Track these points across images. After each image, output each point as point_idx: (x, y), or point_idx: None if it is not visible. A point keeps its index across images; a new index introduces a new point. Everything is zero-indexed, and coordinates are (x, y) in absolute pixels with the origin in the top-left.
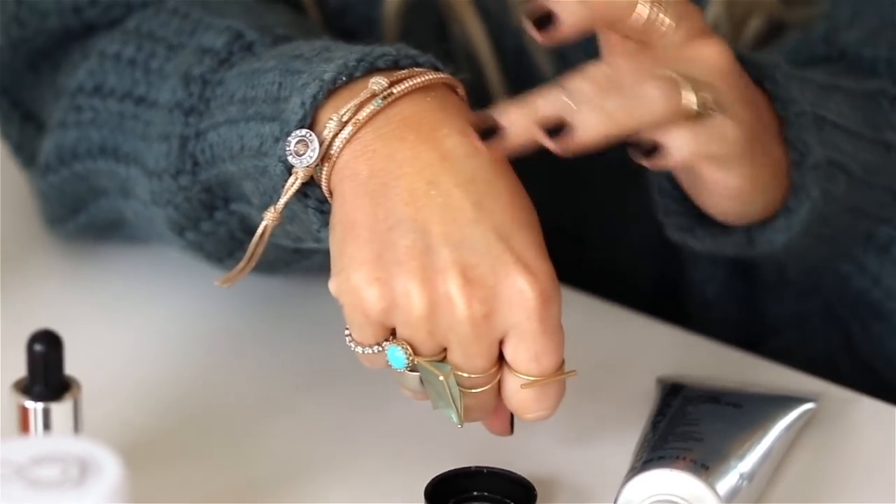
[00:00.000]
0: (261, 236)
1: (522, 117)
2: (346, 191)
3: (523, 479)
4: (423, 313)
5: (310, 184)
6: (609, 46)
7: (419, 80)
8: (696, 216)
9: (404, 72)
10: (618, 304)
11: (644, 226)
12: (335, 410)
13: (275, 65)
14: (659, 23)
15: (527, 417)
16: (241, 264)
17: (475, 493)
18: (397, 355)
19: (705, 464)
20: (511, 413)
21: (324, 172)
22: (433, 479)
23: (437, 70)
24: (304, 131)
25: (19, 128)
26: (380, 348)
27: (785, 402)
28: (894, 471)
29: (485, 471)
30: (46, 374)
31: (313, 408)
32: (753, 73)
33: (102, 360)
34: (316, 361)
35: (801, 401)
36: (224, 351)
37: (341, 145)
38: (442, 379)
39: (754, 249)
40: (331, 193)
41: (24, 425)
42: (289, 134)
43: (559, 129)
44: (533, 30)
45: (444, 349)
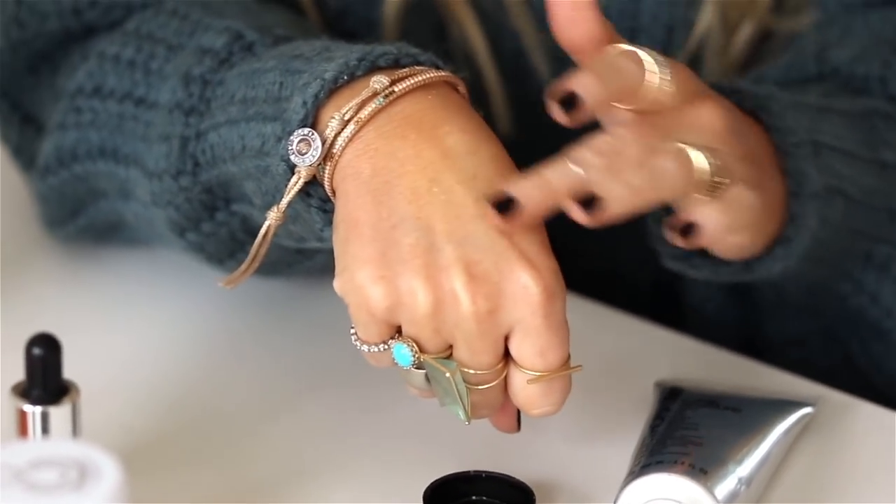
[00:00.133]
0: (264, 236)
1: (536, 190)
2: (349, 189)
3: (522, 483)
4: (429, 310)
5: (312, 183)
6: (605, 116)
7: (420, 79)
8: None
9: (405, 70)
10: (617, 309)
11: (643, 229)
12: (334, 414)
13: (275, 65)
14: (662, 91)
15: (533, 413)
16: (245, 265)
17: (474, 498)
18: (403, 353)
19: (704, 468)
20: (518, 409)
21: (326, 171)
22: (432, 482)
23: (438, 68)
24: (306, 130)
25: (19, 130)
26: (385, 346)
27: (783, 406)
28: (893, 475)
29: (483, 475)
30: (45, 377)
31: (313, 411)
32: (749, 103)
33: (101, 363)
34: (315, 364)
35: (800, 405)
36: (224, 353)
37: (343, 144)
38: (448, 376)
39: (752, 276)
40: (333, 192)
41: (22, 429)
42: (291, 133)
43: (591, 202)
44: (559, 112)
45: (450, 346)
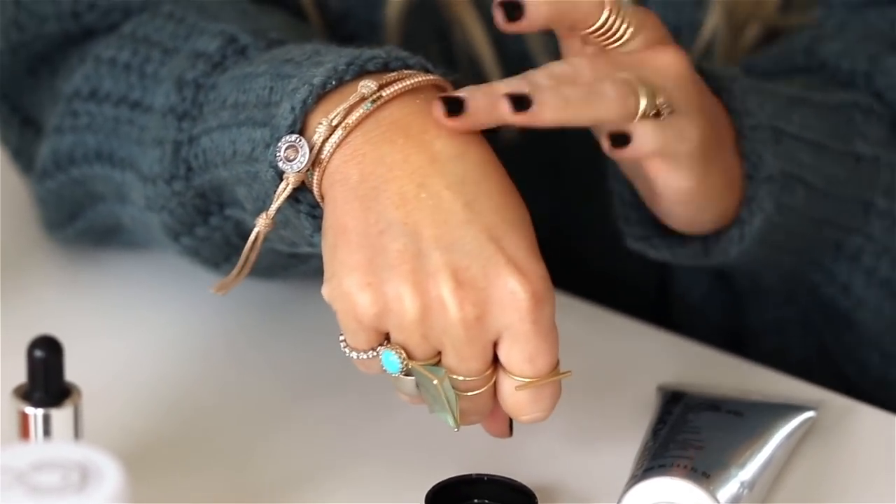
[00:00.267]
0: (253, 243)
1: (486, 95)
2: (337, 195)
3: (524, 486)
4: (416, 317)
5: (301, 189)
6: (569, 51)
7: (408, 83)
8: (653, 226)
9: (393, 74)
10: (618, 312)
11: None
12: (336, 417)
13: (266, 69)
14: (617, 28)
15: (523, 419)
16: (235, 271)
17: (476, 501)
18: (391, 360)
19: (706, 472)
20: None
21: (315, 177)
22: (434, 486)
23: (427, 71)
24: (293, 137)
25: (19, 133)
26: (374, 353)
27: (786, 410)
28: (894, 479)
29: (485, 478)
30: (47, 380)
31: (314, 414)
32: (712, 84)
33: (102, 365)
34: (316, 368)
35: (802, 409)
36: (224, 357)
37: (331, 150)
38: (436, 383)
39: (709, 259)
40: (322, 198)
41: (24, 431)
42: (279, 139)
43: (523, 103)
44: (501, 16)
45: (439, 352)
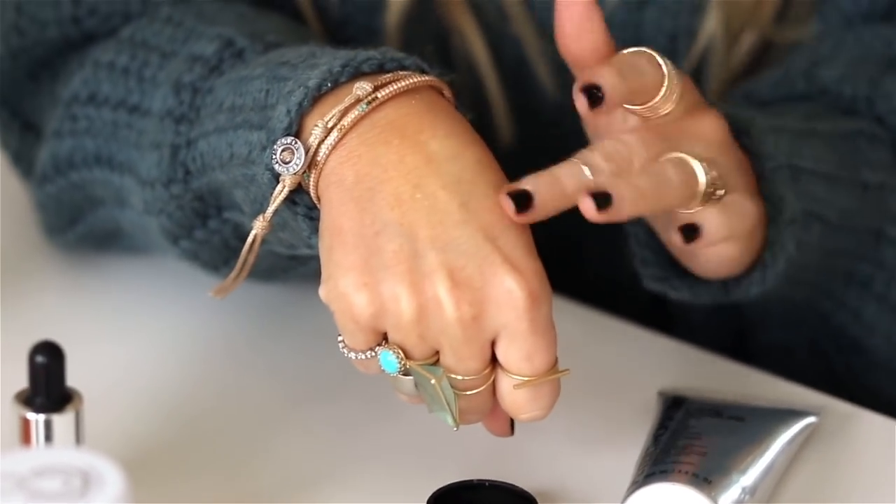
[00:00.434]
0: (251, 245)
1: (549, 187)
2: (333, 197)
3: (525, 492)
4: (413, 317)
5: (298, 191)
6: (595, 127)
7: (403, 84)
8: (671, 266)
9: (389, 75)
10: (619, 318)
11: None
12: (337, 422)
13: (262, 72)
14: (669, 97)
15: (522, 418)
16: (233, 274)
17: None
18: (389, 360)
19: (707, 477)
20: None
21: (311, 179)
22: (435, 491)
23: (422, 72)
24: (289, 139)
25: (19, 138)
26: (372, 353)
27: (787, 415)
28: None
29: (486, 484)
30: (48, 385)
31: (315, 418)
32: (733, 127)
33: (103, 371)
34: (318, 372)
35: (804, 414)
36: (226, 361)
37: (327, 152)
38: (434, 382)
39: (730, 299)
40: (319, 200)
41: (25, 437)
42: (275, 142)
43: (606, 201)
44: (584, 103)
45: (437, 352)
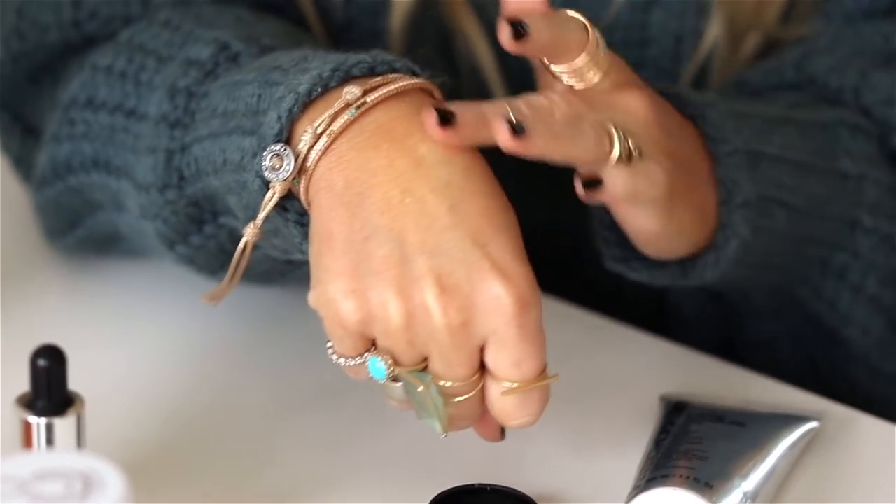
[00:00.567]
0: (242, 252)
1: (472, 110)
2: (323, 202)
3: (526, 496)
4: (401, 324)
5: (289, 197)
6: (541, 85)
7: (393, 87)
8: (632, 248)
9: (378, 79)
10: (621, 322)
11: None
12: (338, 426)
13: (255, 77)
14: (593, 66)
15: (511, 424)
16: (226, 280)
17: None
18: (378, 366)
19: (709, 482)
20: None
21: (301, 185)
22: (437, 495)
23: (413, 75)
24: (278, 146)
25: (20, 141)
26: (361, 359)
27: (788, 420)
28: None
29: (488, 488)
30: (50, 389)
31: (316, 422)
32: (688, 111)
33: (103, 374)
34: (317, 377)
35: (805, 419)
36: (227, 365)
37: (317, 157)
38: (422, 389)
39: (687, 281)
40: (309, 205)
41: (27, 440)
42: (265, 148)
43: (518, 128)
44: (507, 33)
45: (426, 358)
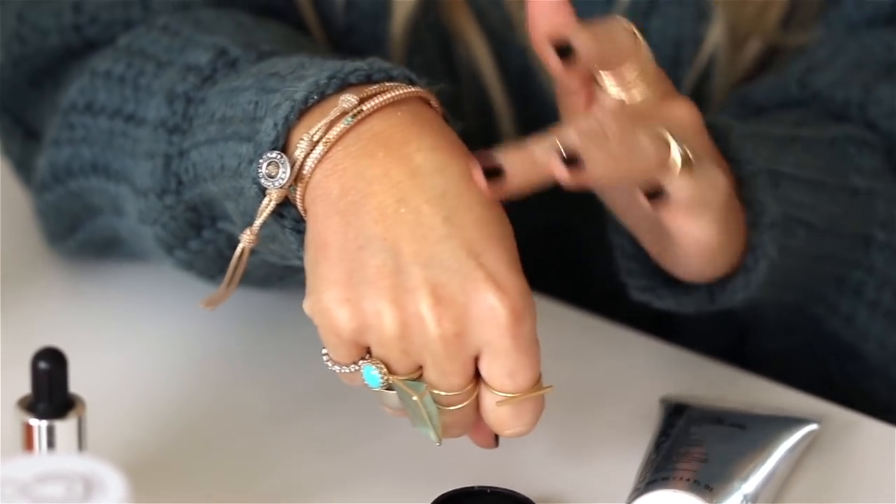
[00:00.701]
0: (239, 258)
1: (522, 162)
2: (318, 210)
3: (527, 499)
4: (395, 333)
5: (286, 204)
6: (570, 110)
7: (389, 96)
8: (657, 276)
9: (375, 87)
10: (622, 325)
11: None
12: (338, 430)
13: (252, 83)
14: (647, 69)
15: (505, 434)
16: (223, 286)
17: None
18: (372, 374)
19: (709, 485)
20: None
21: (297, 192)
22: (437, 498)
23: (410, 83)
24: (274, 153)
25: (21, 145)
26: (356, 367)
27: (789, 423)
28: None
29: (488, 490)
30: (51, 391)
31: (317, 425)
32: (709, 135)
33: (104, 377)
34: (318, 380)
35: (805, 422)
36: (228, 367)
37: (313, 165)
38: (416, 399)
39: (714, 306)
40: (305, 213)
41: (28, 443)
42: (261, 156)
43: (573, 160)
44: (555, 58)
45: (420, 367)
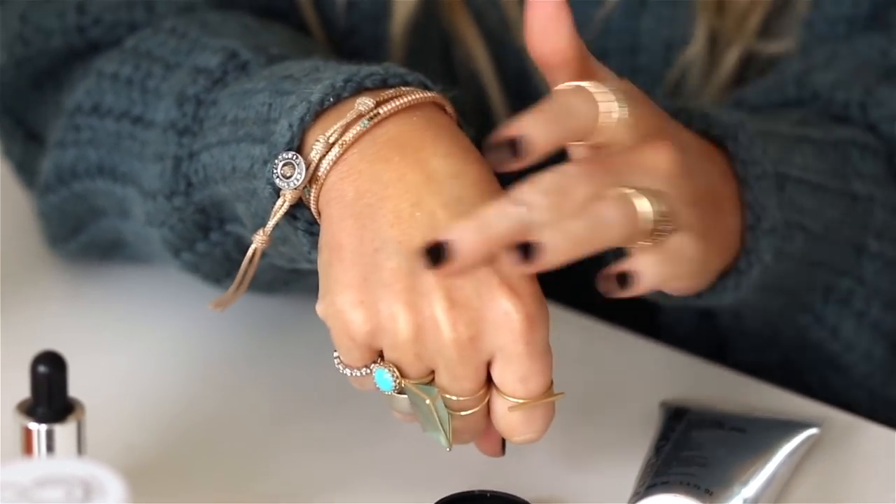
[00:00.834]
0: (250, 260)
1: (474, 234)
2: (333, 213)
3: (527, 502)
4: (409, 336)
5: (299, 206)
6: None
7: (405, 100)
8: None
9: (391, 91)
10: (621, 328)
11: None
12: (339, 431)
13: (265, 86)
14: (619, 128)
15: (515, 440)
16: (233, 288)
17: None
18: (385, 378)
19: (709, 489)
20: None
21: (312, 194)
22: (437, 501)
23: (425, 88)
24: (290, 154)
25: (23, 147)
26: (368, 371)
27: (789, 427)
28: None
29: (488, 494)
30: (50, 395)
31: (318, 429)
32: (716, 130)
33: (104, 380)
34: (319, 383)
35: (805, 426)
36: (227, 371)
37: (328, 167)
38: (429, 402)
39: (701, 303)
40: (319, 215)
41: (27, 447)
42: (276, 156)
43: (529, 251)
44: (502, 160)
45: (433, 371)
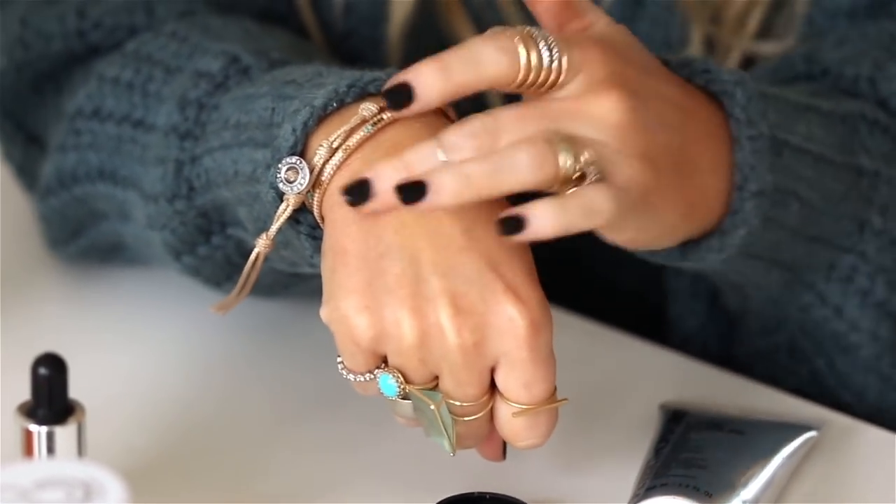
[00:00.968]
0: (253, 263)
1: (396, 174)
2: (337, 218)
3: None
4: (414, 342)
5: (302, 210)
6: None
7: None
8: None
9: None
10: (621, 330)
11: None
12: (339, 433)
13: (268, 90)
14: (546, 77)
15: (519, 445)
16: (235, 291)
17: None
18: (389, 383)
19: (708, 491)
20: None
21: (315, 199)
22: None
23: None
24: (294, 158)
25: (23, 150)
26: (371, 376)
27: (788, 429)
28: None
29: (487, 496)
30: (51, 397)
31: (318, 430)
32: (714, 86)
33: (104, 382)
34: (319, 385)
35: (804, 429)
36: (228, 373)
37: (332, 172)
38: (433, 408)
39: (686, 262)
40: (322, 220)
41: (27, 449)
42: (280, 161)
43: (414, 193)
44: (395, 106)
45: (436, 377)
